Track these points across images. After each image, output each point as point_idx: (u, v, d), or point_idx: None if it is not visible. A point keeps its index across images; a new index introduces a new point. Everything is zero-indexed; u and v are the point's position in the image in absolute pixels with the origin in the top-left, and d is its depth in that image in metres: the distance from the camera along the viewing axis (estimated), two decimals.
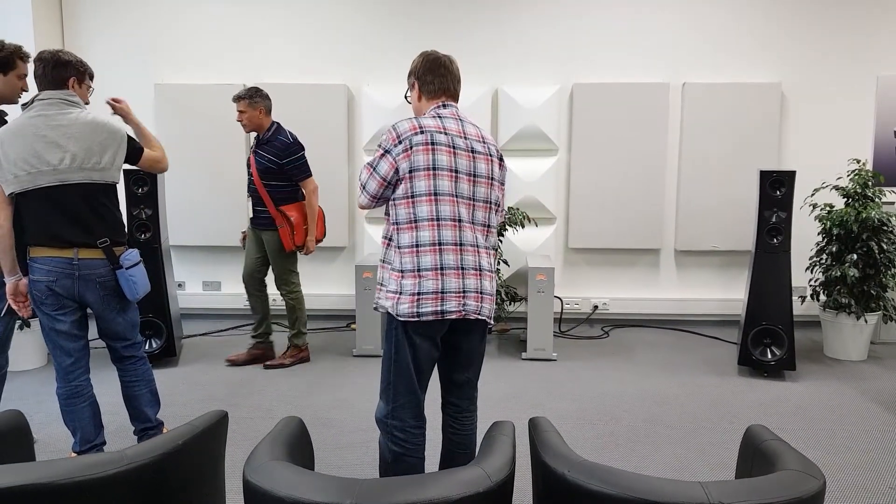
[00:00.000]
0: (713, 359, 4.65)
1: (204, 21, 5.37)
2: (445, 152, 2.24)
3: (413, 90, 2.47)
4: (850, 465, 3.10)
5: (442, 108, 2.37)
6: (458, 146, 2.28)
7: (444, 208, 2.22)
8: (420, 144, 2.21)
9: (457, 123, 2.34)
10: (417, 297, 2.19)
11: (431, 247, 2.21)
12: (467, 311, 2.26)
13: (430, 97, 2.41)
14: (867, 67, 5.19)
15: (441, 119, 2.32)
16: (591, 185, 5.31)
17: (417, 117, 2.32)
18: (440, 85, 2.42)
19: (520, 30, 5.30)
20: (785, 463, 1.58)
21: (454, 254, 2.23)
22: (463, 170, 2.27)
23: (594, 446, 3.30)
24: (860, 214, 4.43)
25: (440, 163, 2.23)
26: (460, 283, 2.23)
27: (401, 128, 2.25)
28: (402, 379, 2.29)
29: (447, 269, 2.22)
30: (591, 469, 1.51)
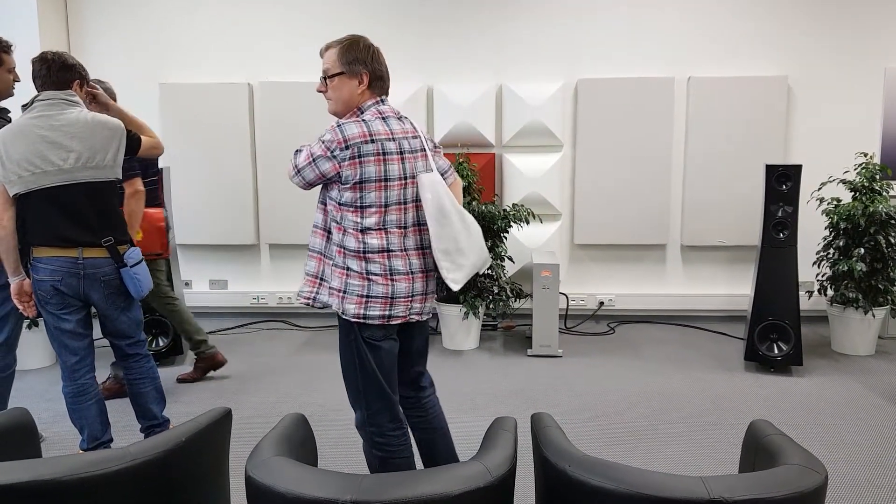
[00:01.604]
0: (720, 354, 4.63)
1: (208, 20, 5.38)
2: (395, 160, 2.19)
3: (354, 80, 2.26)
4: (857, 461, 3.09)
5: (381, 105, 2.27)
6: (404, 149, 2.23)
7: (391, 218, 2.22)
8: (370, 155, 2.13)
9: (399, 122, 2.27)
10: (366, 299, 2.20)
11: (380, 254, 2.20)
12: (423, 312, 2.32)
13: (374, 92, 2.28)
14: (874, 60, 5.15)
15: (386, 121, 2.23)
16: (596, 180, 5.30)
17: (366, 122, 2.19)
18: (388, 82, 2.32)
19: (523, 26, 5.28)
20: (787, 457, 1.58)
21: (416, 258, 2.26)
22: (408, 174, 2.23)
23: (599, 442, 3.30)
24: (867, 208, 4.40)
25: (391, 173, 2.18)
26: (405, 286, 2.25)
27: (348, 132, 2.14)
28: (371, 385, 2.27)
29: (396, 275, 2.23)
30: (593, 464, 1.51)
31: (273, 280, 5.61)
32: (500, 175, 5.37)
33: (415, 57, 5.34)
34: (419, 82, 5.30)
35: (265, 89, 5.33)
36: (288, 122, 5.33)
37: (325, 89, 2.33)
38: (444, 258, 2.27)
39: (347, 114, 2.27)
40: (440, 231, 2.25)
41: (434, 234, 2.24)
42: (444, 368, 4.40)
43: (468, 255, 2.33)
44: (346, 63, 2.27)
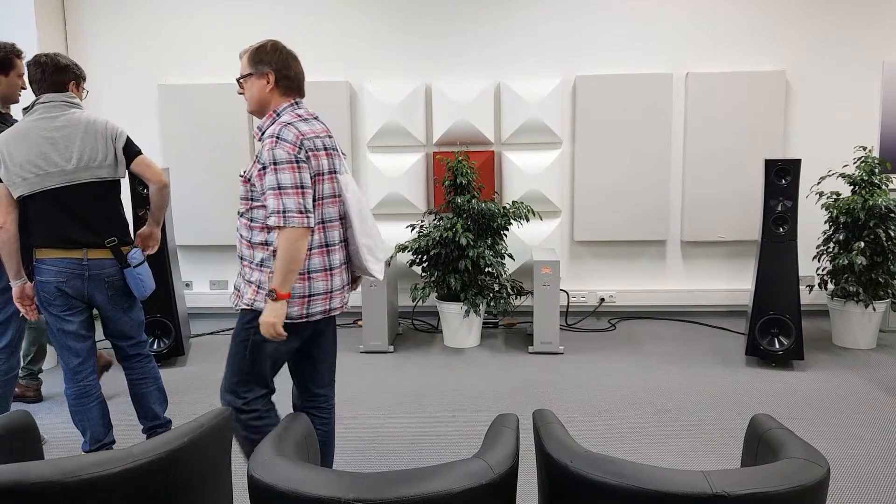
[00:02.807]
0: (721, 349, 4.63)
1: (206, 21, 5.38)
2: (324, 156, 2.26)
3: (262, 80, 2.28)
4: (859, 454, 3.09)
5: (298, 108, 2.31)
6: (327, 146, 2.30)
7: (329, 210, 2.29)
8: (310, 150, 2.21)
9: (318, 123, 2.34)
10: (308, 298, 2.26)
11: (319, 249, 2.27)
12: (343, 305, 2.41)
13: (284, 93, 2.30)
14: (872, 53, 5.15)
15: (307, 122, 2.28)
16: (595, 177, 5.30)
17: (292, 123, 2.21)
18: (298, 83, 2.35)
19: (521, 23, 5.28)
20: (789, 451, 1.58)
21: (337, 253, 2.32)
22: (332, 170, 2.31)
23: (601, 438, 3.30)
24: (867, 202, 4.40)
25: (323, 168, 2.25)
26: (339, 280, 2.34)
27: (288, 136, 2.17)
28: (257, 375, 2.35)
29: (333, 270, 2.31)
30: (594, 460, 1.51)
31: None
32: (499, 172, 5.37)
33: (413, 55, 5.34)
34: (418, 80, 5.30)
35: None
36: None
37: (242, 91, 2.39)
38: (367, 252, 2.37)
39: (264, 114, 2.32)
40: (363, 227, 2.35)
41: (358, 230, 2.34)
42: (446, 366, 4.40)
43: (382, 249, 2.47)
44: (253, 64, 2.33)
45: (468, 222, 4.72)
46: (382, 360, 4.55)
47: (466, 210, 4.69)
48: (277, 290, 2.16)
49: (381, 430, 3.45)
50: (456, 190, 4.77)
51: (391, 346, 4.73)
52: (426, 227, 4.86)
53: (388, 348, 4.69)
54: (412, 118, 5.28)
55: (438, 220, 4.86)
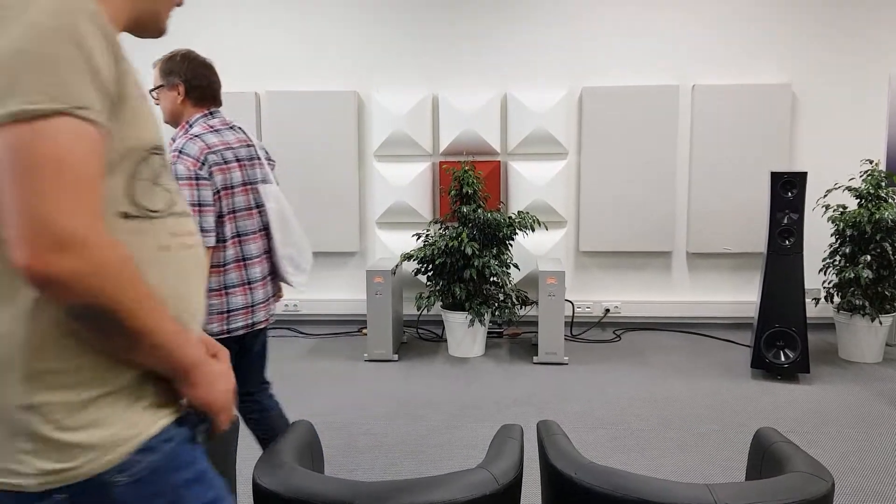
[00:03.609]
0: (726, 362, 4.62)
1: (213, 30, 5.42)
2: (236, 168, 2.25)
3: (172, 91, 2.29)
4: (865, 468, 3.08)
5: (211, 118, 2.29)
6: (241, 157, 2.28)
7: (245, 223, 2.28)
8: (215, 165, 2.18)
9: (233, 132, 2.31)
10: (227, 314, 2.25)
11: (235, 264, 2.25)
12: (269, 318, 2.40)
13: (196, 103, 2.29)
14: (879, 66, 5.15)
15: (219, 133, 2.26)
16: (601, 188, 5.31)
17: (200, 136, 2.21)
18: (211, 92, 2.33)
19: (528, 34, 5.31)
20: (793, 465, 1.58)
21: (257, 266, 2.31)
22: (249, 180, 2.29)
23: (605, 450, 3.29)
24: (873, 215, 4.39)
25: (235, 181, 2.24)
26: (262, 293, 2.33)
27: (192, 151, 2.16)
28: None
29: (253, 283, 2.30)
30: (599, 471, 1.51)
31: None
32: (505, 182, 5.38)
33: (420, 66, 5.37)
34: (425, 91, 5.32)
35: (271, 98, 5.37)
36: (294, 131, 5.36)
37: (157, 102, 2.36)
38: (288, 264, 2.37)
39: (177, 125, 2.30)
40: (285, 238, 2.35)
41: (279, 241, 2.33)
42: (450, 376, 4.40)
43: (308, 259, 2.46)
44: (164, 75, 2.32)
45: (474, 232, 4.72)
46: (387, 368, 4.56)
47: (472, 220, 4.70)
48: None
49: (385, 438, 3.46)
50: (462, 199, 4.78)
51: (395, 355, 4.73)
52: (432, 236, 4.88)
53: (393, 357, 4.70)
54: (419, 128, 5.31)
55: (444, 230, 4.87)
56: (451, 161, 5.22)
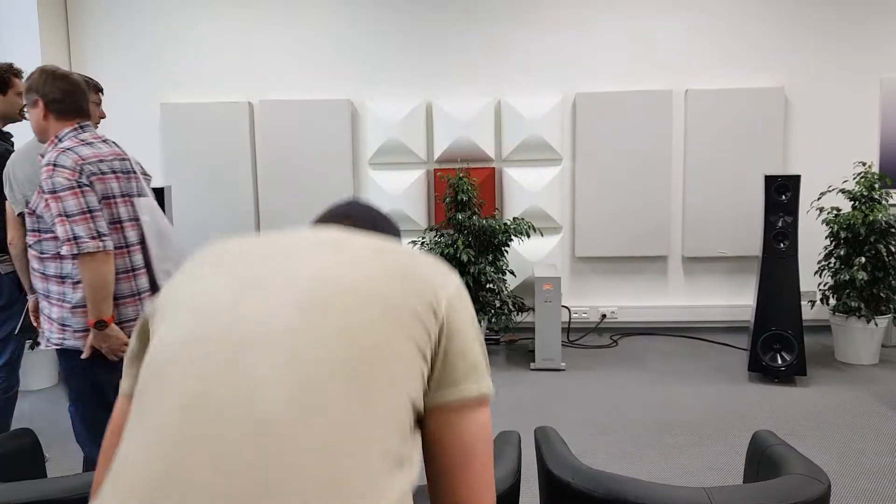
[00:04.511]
0: (723, 365, 4.63)
1: (208, 40, 5.43)
2: (113, 179, 2.23)
3: (34, 108, 2.27)
4: (862, 470, 3.08)
5: (82, 132, 2.26)
6: (117, 170, 2.26)
7: (130, 234, 2.26)
8: (92, 175, 2.16)
9: (106, 145, 2.29)
10: (118, 325, 2.22)
11: (125, 274, 2.23)
12: None
13: (60, 118, 2.25)
14: (871, 69, 5.18)
15: (91, 145, 2.23)
16: (596, 193, 5.32)
17: (72, 149, 2.18)
18: (72, 104, 2.28)
19: (521, 41, 5.33)
20: (790, 467, 1.58)
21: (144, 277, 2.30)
22: (126, 193, 2.28)
23: (603, 455, 3.29)
24: (867, 217, 4.41)
25: (113, 191, 2.22)
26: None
27: (66, 162, 2.13)
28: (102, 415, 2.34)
29: (143, 294, 2.28)
30: (596, 477, 1.51)
31: None
32: (500, 189, 5.39)
33: (414, 73, 5.38)
34: (418, 98, 5.34)
35: (265, 108, 5.37)
36: (288, 140, 5.36)
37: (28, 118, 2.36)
38: (164, 278, 2.34)
39: (47, 140, 2.28)
40: (161, 252, 2.32)
41: (155, 255, 2.31)
42: None
43: None
44: (25, 93, 2.32)
45: (469, 239, 4.73)
46: None
47: (467, 226, 4.71)
48: (101, 318, 2.14)
49: None
50: (457, 207, 4.79)
51: None
52: (427, 243, 4.88)
53: None
54: (413, 135, 5.32)
55: (439, 237, 4.88)
56: (446, 168, 5.23)
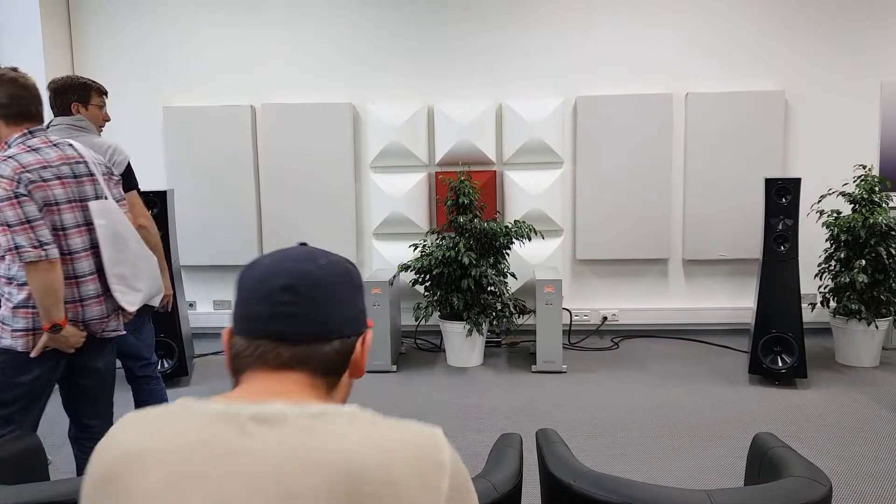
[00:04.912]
0: (723, 368, 4.63)
1: (211, 44, 5.45)
2: (59, 185, 2.20)
3: None
4: (864, 473, 3.08)
5: (31, 137, 2.23)
6: (64, 175, 2.22)
7: (75, 241, 2.24)
8: (31, 183, 2.14)
9: (56, 150, 2.25)
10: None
11: (67, 281, 2.21)
12: (102, 332, 2.35)
13: (10, 123, 2.22)
14: (871, 73, 5.19)
15: (38, 151, 2.20)
16: (597, 196, 5.33)
17: (14, 157, 2.16)
18: (20, 109, 2.23)
19: (522, 45, 5.34)
20: (791, 470, 1.58)
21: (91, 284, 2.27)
22: (74, 198, 2.24)
23: (604, 457, 3.30)
24: (867, 220, 4.42)
25: (56, 197, 2.19)
26: (97, 310, 2.30)
27: (5, 172, 2.11)
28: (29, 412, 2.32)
29: (86, 301, 2.27)
30: (597, 479, 1.52)
31: None
32: (501, 192, 5.40)
33: (415, 77, 5.40)
34: (420, 102, 5.35)
35: (267, 111, 5.39)
36: (290, 144, 5.38)
37: None
38: (118, 282, 2.32)
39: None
40: (116, 255, 2.30)
41: (108, 258, 2.28)
42: (449, 386, 4.40)
43: (146, 279, 2.41)
44: None
45: (470, 241, 4.74)
46: (385, 379, 4.56)
47: (469, 229, 4.72)
48: (54, 322, 2.16)
49: None
50: (458, 209, 4.80)
51: (394, 366, 4.73)
52: (429, 246, 4.89)
53: (391, 367, 4.70)
54: (415, 139, 5.33)
55: (441, 240, 4.89)
56: (447, 171, 5.24)
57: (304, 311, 0.93)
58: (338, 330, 0.96)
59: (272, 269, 0.95)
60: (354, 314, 0.99)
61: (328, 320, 0.95)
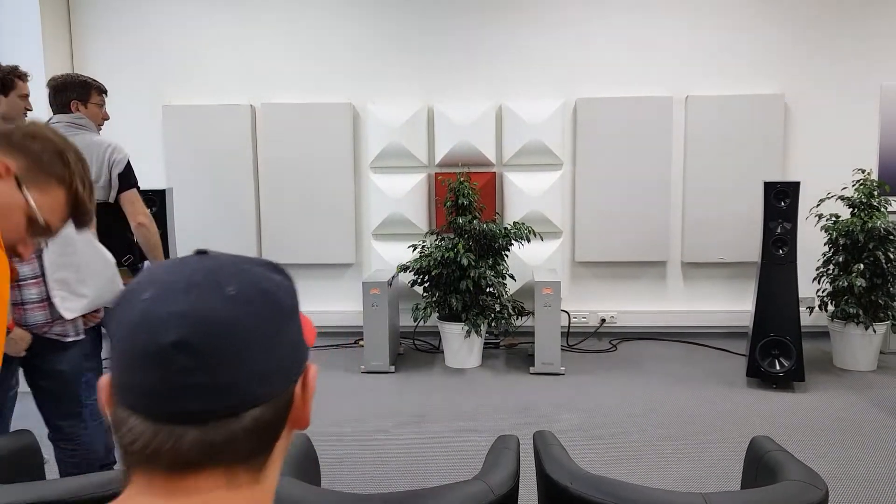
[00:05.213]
0: (721, 371, 4.63)
1: (211, 43, 5.45)
2: None
3: None
4: (859, 477, 3.08)
5: None
6: None
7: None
8: None
9: None
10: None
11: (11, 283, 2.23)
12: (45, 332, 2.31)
13: None
14: (871, 77, 5.20)
15: None
16: (596, 198, 5.33)
17: None
18: None
19: (523, 46, 5.34)
20: (788, 473, 1.58)
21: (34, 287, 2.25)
22: None
23: (602, 460, 3.29)
24: (866, 224, 4.42)
25: None
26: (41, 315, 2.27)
27: None
28: None
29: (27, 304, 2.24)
30: (594, 481, 1.52)
31: None
32: (500, 193, 5.40)
33: (415, 77, 5.40)
34: (420, 102, 5.35)
35: (267, 110, 5.39)
36: (290, 143, 5.38)
37: None
38: (59, 287, 2.27)
39: None
40: (59, 259, 2.25)
41: (49, 262, 2.24)
42: (447, 387, 4.40)
43: (91, 286, 2.33)
44: None
45: (469, 243, 4.74)
46: (383, 380, 4.55)
47: (468, 230, 4.72)
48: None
49: (382, 450, 3.45)
50: (457, 210, 4.80)
51: (392, 367, 4.73)
52: (428, 247, 4.89)
53: (390, 368, 4.69)
54: (414, 139, 5.33)
55: (440, 241, 4.88)
56: (447, 172, 5.24)
57: (209, 377, 0.62)
58: (264, 391, 0.65)
59: (157, 313, 0.64)
60: (286, 355, 0.69)
61: (249, 381, 0.64)
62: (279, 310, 0.69)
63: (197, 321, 0.63)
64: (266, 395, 0.66)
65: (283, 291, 0.71)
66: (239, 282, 0.67)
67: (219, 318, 0.64)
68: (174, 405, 0.63)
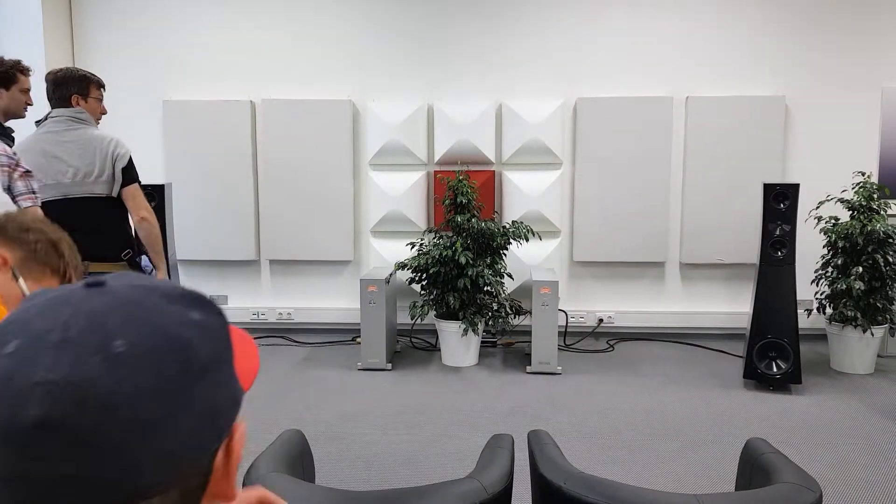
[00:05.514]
0: (718, 372, 4.63)
1: (212, 38, 5.44)
2: None
3: None
4: (856, 480, 3.08)
5: None
6: None
7: None
8: None
9: None
10: None
11: None
12: None
13: None
14: (872, 79, 5.19)
15: None
16: (595, 198, 5.33)
17: None
18: None
19: (523, 45, 5.34)
20: (782, 476, 1.58)
21: None
22: None
23: (597, 460, 3.29)
24: (865, 227, 4.42)
25: None
26: None
27: None
28: None
29: None
30: (588, 481, 1.52)
31: (273, 296, 5.62)
32: (499, 192, 5.40)
33: (415, 76, 5.39)
34: (420, 100, 5.34)
35: (267, 106, 5.38)
36: (290, 139, 5.37)
37: None
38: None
39: None
40: None
41: None
42: (443, 385, 4.40)
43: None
44: None
45: (468, 241, 4.74)
46: (380, 377, 4.55)
47: (466, 229, 4.71)
48: None
49: (377, 447, 3.45)
50: (456, 209, 4.80)
51: (389, 364, 4.73)
52: (426, 245, 4.89)
53: (386, 366, 4.69)
54: (414, 137, 5.32)
55: (438, 239, 4.88)
56: (446, 170, 5.23)
57: (81, 468, 0.47)
58: (162, 478, 0.49)
59: (18, 378, 0.47)
60: (197, 426, 0.51)
61: (139, 468, 0.48)
62: (189, 366, 0.52)
63: (68, 393, 0.46)
64: (166, 483, 0.49)
65: (202, 337, 0.54)
66: (134, 331, 0.50)
67: (98, 388, 0.47)
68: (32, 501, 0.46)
